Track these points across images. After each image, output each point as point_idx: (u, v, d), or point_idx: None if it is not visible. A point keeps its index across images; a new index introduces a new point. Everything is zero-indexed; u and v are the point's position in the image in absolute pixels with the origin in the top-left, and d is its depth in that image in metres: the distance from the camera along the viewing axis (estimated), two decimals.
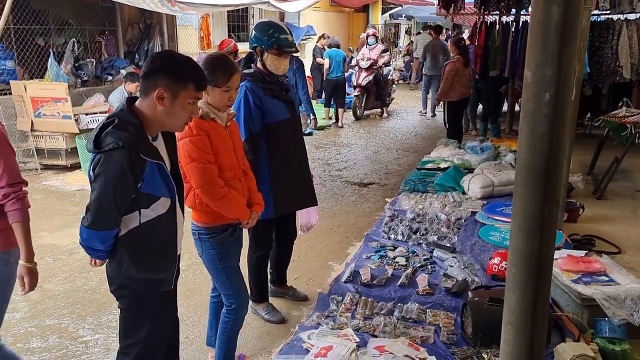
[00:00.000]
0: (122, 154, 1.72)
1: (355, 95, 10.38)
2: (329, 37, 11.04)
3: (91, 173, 1.80)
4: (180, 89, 1.81)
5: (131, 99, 1.90)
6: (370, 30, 11.18)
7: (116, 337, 3.04)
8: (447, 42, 11.58)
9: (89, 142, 1.80)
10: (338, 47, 10.09)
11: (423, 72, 11.30)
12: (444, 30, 13.09)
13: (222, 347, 2.59)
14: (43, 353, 2.95)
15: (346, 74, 10.30)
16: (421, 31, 15.68)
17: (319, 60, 10.85)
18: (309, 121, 6.16)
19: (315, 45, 11.14)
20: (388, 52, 11.05)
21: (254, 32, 3.01)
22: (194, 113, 1.91)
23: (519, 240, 0.87)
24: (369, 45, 10.37)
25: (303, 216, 3.35)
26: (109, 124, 1.78)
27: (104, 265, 1.99)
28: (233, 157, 2.46)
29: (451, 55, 7.59)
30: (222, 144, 2.39)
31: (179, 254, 2.11)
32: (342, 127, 9.88)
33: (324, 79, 9.96)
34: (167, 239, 1.97)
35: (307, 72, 11.68)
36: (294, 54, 5.05)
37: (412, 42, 15.85)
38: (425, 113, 11.14)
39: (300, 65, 5.94)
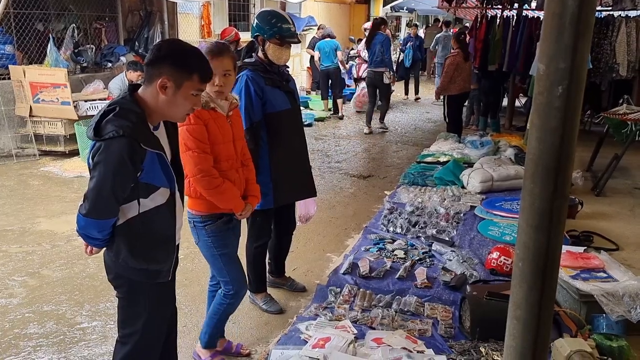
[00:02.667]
0: (123, 142, 1.69)
1: (362, 88, 10.42)
2: (324, 29, 11.01)
3: (90, 161, 1.77)
4: (185, 79, 1.78)
5: (134, 86, 1.87)
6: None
7: (114, 324, 3.06)
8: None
9: (89, 129, 1.77)
10: (331, 37, 10.01)
11: (435, 61, 12.41)
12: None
13: (211, 326, 2.62)
14: (40, 339, 2.95)
15: (347, 65, 10.25)
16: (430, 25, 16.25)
17: (307, 50, 10.88)
18: (389, 76, 8.45)
19: (314, 37, 11.10)
20: None
21: (256, 21, 2.98)
22: (197, 105, 1.87)
23: (527, 235, 0.86)
24: None
25: (301, 207, 3.35)
26: (110, 112, 1.75)
27: (102, 252, 1.98)
28: (231, 148, 2.45)
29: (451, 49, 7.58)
30: (220, 134, 2.37)
31: (178, 244, 2.10)
32: (342, 117, 9.87)
33: (319, 70, 9.94)
34: (166, 230, 1.95)
35: (307, 64, 11.69)
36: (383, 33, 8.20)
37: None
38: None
39: (387, 38, 8.42)
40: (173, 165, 1.94)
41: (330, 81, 9.89)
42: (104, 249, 1.95)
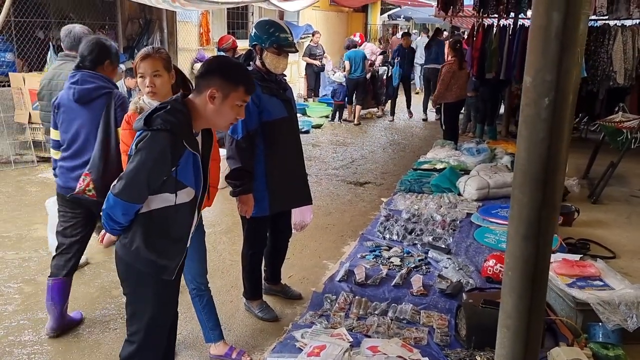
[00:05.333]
0: (167, 136, 1.86)
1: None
2: (319, 36, 11.09)
3: (133, 147, 1.92)
4: (232, 91, 1.96)
5: (183, 94, 2.05)
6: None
7: (109, 331, 3.06)
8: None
9: (138, 121, 1.93)
10: (355, 46, 10.10)
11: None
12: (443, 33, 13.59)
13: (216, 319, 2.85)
14: (35, 346, 2.94)
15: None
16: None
17: (304, 58, 10.97)
18: None
19: (309, 45, 11.17)
20: (385, 53, 11.18)
21: (254, 30, 3.00)
22: (240, 115, 2.04)
23: (515, 245, 0.87)
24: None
25: (296, 215, 3.35)
26: (161, 109, 1.92)
27: (105, 248, 2.09)
28: None
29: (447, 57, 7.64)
30: None
31: (187, 249, 2.16)
32: (358, 124, 10.15)
33: (347, 78, 9.99)
34: (182, 228, 2.06)
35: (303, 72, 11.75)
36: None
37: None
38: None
39: (442, 43, 11.05)
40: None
41: (355, 90, 10.08)
42: (117, 242, 2.04)
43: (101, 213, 1.97)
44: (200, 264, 2.74)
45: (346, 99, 10.30)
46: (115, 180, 1.93)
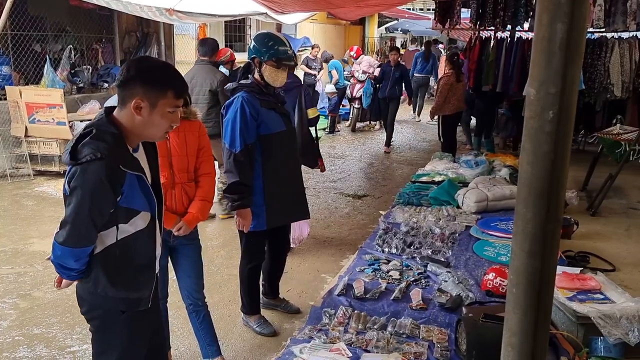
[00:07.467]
0: (100, 165, 1.61)
1: (356, 108, 10.58)
2: (318, 49, 11.23)
3: (66, 187, 1.66)
4: (159, 98, 1.69)
5: (109, 109, 1.78)
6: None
7: None
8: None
9: (64, 153, 1.68)
10: (333, 57, 10.73)
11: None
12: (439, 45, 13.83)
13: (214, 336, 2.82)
14: None
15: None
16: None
17: (301, 67, 11.10)
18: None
19: (307, 56, 11.26)
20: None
21: (253, 43, 3.01)
22: (175, 121, 1.77)
23: (520, 260, 0.85)
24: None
25: (295, 229, 3.34)
26: (86, 135, 1.66)
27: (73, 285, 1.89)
28: (165, 162, 2.48)
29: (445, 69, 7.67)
30: None
31: (157, 273, 1.96)
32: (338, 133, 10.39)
33: (337, 88, 10.35)
34: (146, 256, 1.86)
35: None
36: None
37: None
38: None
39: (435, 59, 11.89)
40: (153, 187, 1.83)
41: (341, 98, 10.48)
42: (78, 284, 1.84)
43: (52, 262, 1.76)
44: (196, 279, 2.70)
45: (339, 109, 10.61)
46: (58, 226, 1.70)
